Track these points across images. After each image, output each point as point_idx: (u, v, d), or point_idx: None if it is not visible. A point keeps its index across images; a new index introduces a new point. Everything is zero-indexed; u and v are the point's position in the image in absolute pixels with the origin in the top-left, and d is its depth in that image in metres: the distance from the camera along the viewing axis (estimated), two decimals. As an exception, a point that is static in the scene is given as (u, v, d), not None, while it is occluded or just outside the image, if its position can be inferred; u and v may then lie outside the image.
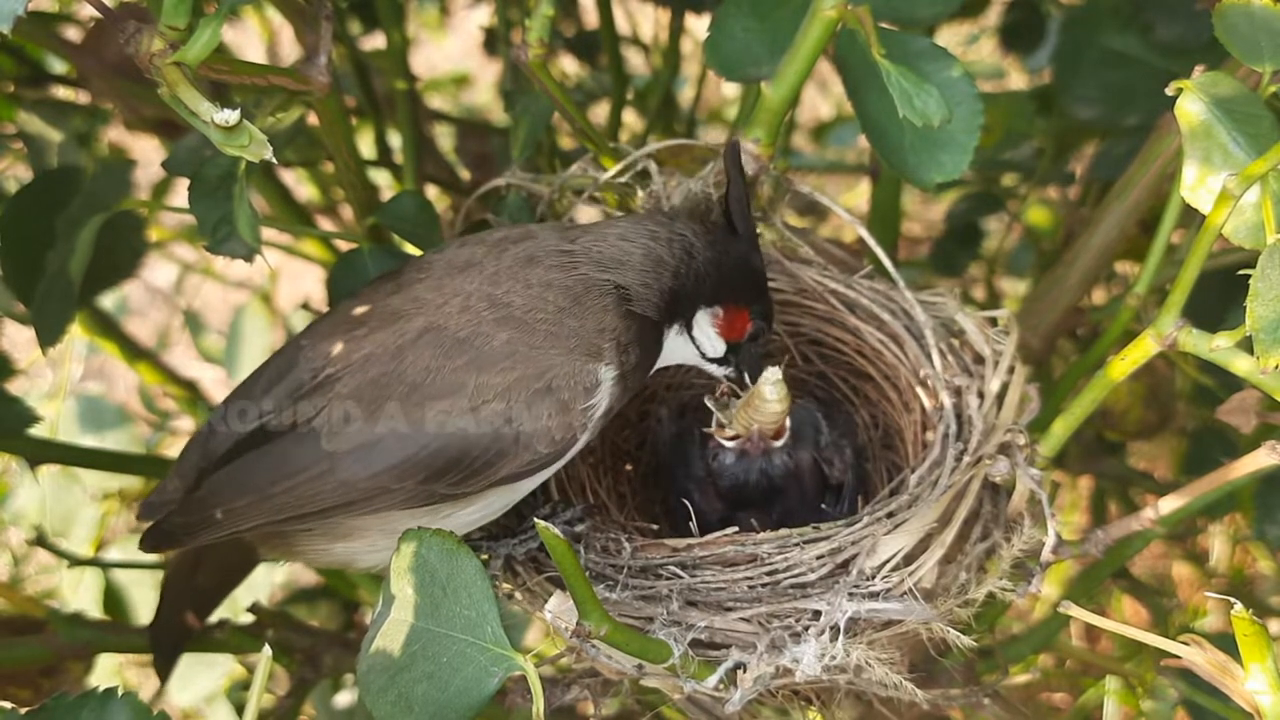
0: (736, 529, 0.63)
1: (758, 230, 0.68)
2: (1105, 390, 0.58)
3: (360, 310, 0.60)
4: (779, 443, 0.71)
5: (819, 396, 0.79)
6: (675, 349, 0.65)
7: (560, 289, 0.58)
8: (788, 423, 0.71)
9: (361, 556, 0.61)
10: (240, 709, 0.55)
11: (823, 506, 0.73)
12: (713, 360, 0.66)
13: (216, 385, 1.30)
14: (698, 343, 0.65)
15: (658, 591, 0.60)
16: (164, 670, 0.73)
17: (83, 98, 0.92)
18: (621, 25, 1.21)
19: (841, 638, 0.56)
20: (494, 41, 1.25)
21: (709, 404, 0.72)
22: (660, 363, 0.65)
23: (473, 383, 0.55)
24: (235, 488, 0.57)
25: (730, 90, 1.71)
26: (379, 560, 0.61)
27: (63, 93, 0.94)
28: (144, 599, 1.01)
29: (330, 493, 0.56)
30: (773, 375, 0.67)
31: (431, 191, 1.10)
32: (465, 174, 1.14)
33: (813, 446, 0.73)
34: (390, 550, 0.58)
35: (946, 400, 0.67)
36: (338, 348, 0.59)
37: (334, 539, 0.60)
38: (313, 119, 0.67)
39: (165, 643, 0.73)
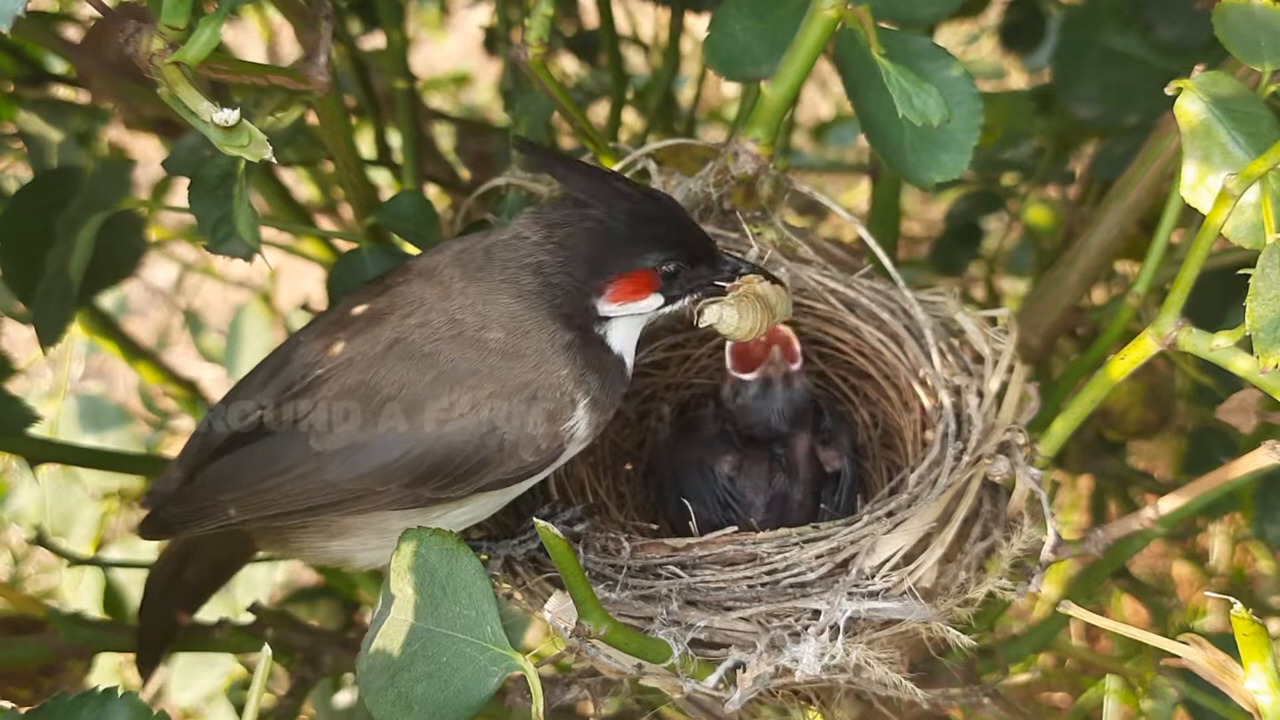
0: (735, 528, 0.63)
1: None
2: (1105, 390, 0.58)
3: (353, 311, 0.61)
4: (795, 365, 0.71)
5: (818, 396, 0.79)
6: (628, 332, 0.60)
7: (511, 302, 0.57)
8: (796, 348, 0.71)
9: (357, 555, 0.61)
10: (240, 708, 0.55)
11: (822, 506, 0.73)
12: (661, 309, 0.60)
13: (216, 385, 1.30)
14: (634, 313, 0.60)
15: (657, 591, 0.60)
16: (147, 667, 0.73)
17: (83, 98, 0.92)
18: (621, 25, 1.21)
19: (841, 637, 0.56)
20: (494, 41, 1.25)
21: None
22: (632, 355, 0.61)
23: (447, 393, 0.55)
24: (225, 482, 0.58)
25: (730, 90, 1.72)
26: (375, 558, 0.61)
27: (63, 93, 0.94)
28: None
29: (317, 492, 0.56)
30: (713, 315, 0.59)
31: (431, 191, 1.11)
32: (465, 174, 1.14)
33: (811, 430, 0.73)
34: (384, 549, 0.59)
35: (946, 399, 0.67)
36: (327, 348, 0.59)
37: (329, 536, 0.60)
38: (313, 118, 0.66)
39: (149, 639, 0.72)
